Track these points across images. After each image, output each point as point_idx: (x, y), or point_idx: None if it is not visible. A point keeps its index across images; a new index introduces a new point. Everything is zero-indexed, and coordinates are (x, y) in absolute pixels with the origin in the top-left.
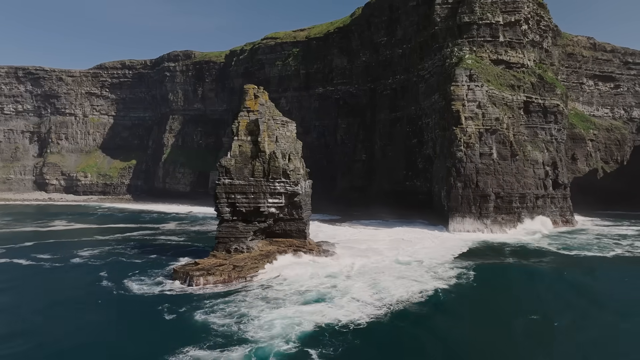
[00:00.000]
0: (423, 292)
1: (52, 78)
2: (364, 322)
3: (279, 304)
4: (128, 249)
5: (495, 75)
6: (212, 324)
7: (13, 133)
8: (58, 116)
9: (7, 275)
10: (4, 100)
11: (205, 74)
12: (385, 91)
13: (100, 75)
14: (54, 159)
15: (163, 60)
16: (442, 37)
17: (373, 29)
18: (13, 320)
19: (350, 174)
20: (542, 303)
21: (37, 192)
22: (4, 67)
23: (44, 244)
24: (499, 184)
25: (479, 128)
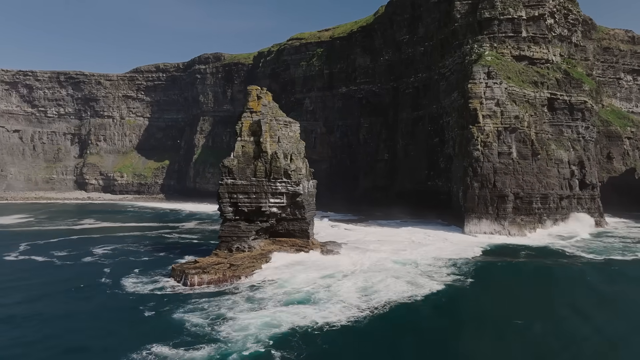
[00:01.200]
0: (413, 296)
1: (92, 82)
2: (339, 325)
3: (262, 304)
4: (141, 247)
5: (516, 72)
6: (187, 323)
7: (56, 135)
8: (97, 118)
9: (16, 271)
10: (48, 104)
11: (234, 76)
12: (408, 90)
13: (136, 79)
14: (93, 160)
15: (194, 63)
16: (462, 34)
17: (395, 27)
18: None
19: (373, 173)
20: (537, 312)
21: (77, 192)
22: (47, 72)
23: (67, 240)
24: (518, 184)
25: (497, 126)
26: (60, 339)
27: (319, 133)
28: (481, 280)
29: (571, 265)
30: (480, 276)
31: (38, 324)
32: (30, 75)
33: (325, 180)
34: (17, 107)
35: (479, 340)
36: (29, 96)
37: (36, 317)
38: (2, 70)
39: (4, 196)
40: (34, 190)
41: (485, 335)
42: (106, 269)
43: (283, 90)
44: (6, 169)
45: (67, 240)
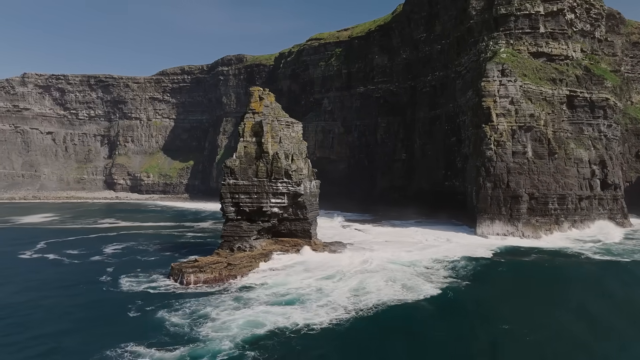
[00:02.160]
0: (403, 299)
1: (120, 85)
2: (319, 328)
3: (249, 304)
4: (151, 246)
5: (533, 69)
6: (168, 322)
7: (86, 137)
8: (125, 120)
9: (24, 268)
10: (79, 107)
11: (255, 77)
12: (425, 88)
13: (162, 81)
14: (121, 160)
15: (217, 65)
16: (478, 31)
17: (413, 25)
18: None
19: (390, 173)
20: (530, 321)
21: (106, 191)
22: (78, 75)
23: (83, 239)
24: (534, 184)
25: (511, 125)
26: (38, 335)
27: (337, 133)
28: (479, 284)
29: (583, 269)
30: (479, 280)
31: (19, 319)
32: (62, 79)
33: (344, 180)
34: (50, 109)
35: (458, 349)
36: (61, 99)
37: (20, 312)
38: (36, 75)
39: (38, 195)
40: (65, 190)
41: (464, 345)
42: (109, 268)
43: (303, 90)
44: (40, 169)
45: (83, 238)
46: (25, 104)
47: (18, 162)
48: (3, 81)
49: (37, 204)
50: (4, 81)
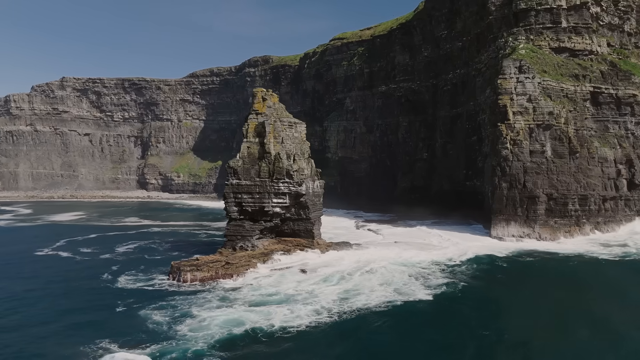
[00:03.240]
0: (392, 302)
1: (152, 87)
2: (294, 330)
3: (234, 303)
4: (162, 244)
5: (554, 65)
6: (149, 320)
7: (121, 138)
8: (157, 122)
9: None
10: (114, 109)
11: (281, 78)
12: (446, 87)
13: (192, 83)
14: (153, 161)
15: (245, 66)
16: (497, 27)
17: (434, 22)
18: None
19: (412, 173)
20: (521, 334)
21: (139, 191)
22: (113, 79)
23: (101, 237)
24: (552, 184)
25: (529, 124)
26: (18, 325)
27: (358, 133)
28: (474, 290)
29: (607, 276)
30: (476, 286)
31: (4, 311)
32: (98, 83)
33: (365, 179)
34: (87, 112)
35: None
36: (97, 102)
37: (7, 304)
38: (74, 79)
39: (75, 195)
40: (101, 190)
41: (430, 356)
42: (115, 266)
43: (326, 90)
44: (77, 169)
45: (101, 236)
46: (64, 107)
47: (57, 163)
48: (43, 85)
49: (74, 203)
50: (44, 85)
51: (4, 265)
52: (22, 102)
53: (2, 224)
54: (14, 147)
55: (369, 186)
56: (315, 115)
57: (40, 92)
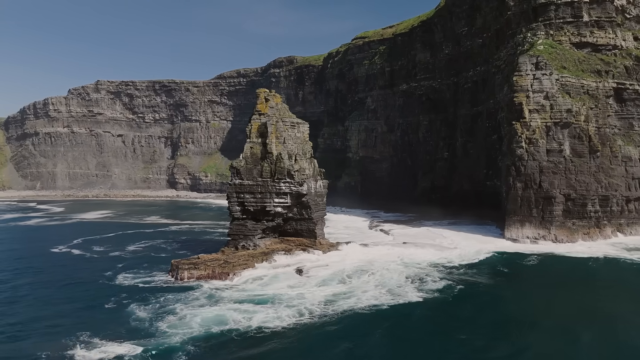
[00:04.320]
0: (379, 306)
1: (181, 89)
2: (269, 331)
3: (218, 302)
4: (173, 243)
5: (575, 61)
6: (133, 316)
7: (152, 138)
8: (186, 123)
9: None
10: (145, 110)
11: (305, 78)
12: (467, 84)
13: (219, 85)
14: (182, 161)
15: (270, 67)
16: (516, 23)
17: (454, 19)
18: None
19: (432, 172)
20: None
21: (168, 190)
22: (145, 81)
23: (117, 236)
24: (570, 184)
25: (545, 122)
26: (3, 318)
27: (379, 132)
28: (468, 293)
29: (610, 283)
30: (472, 288)
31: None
32: (130, 85)
33: (386, 179)
34: (120, 114)
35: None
36: (130, 104)
37: (5, 295)
38: (108, 82)
39: (108, 194)
40: (133, 189)
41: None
42: (120, 264)
43: (349, 90)
44: (111, 169)
45: (118, 235)
46: (99, 109)
47: (92, 163)
48: (79, 88)
49: (106, 201)
50: (80, 88)
51: (16, 260)
52: (59, 105)
53: (32, 222)
54: (52, 148)
55: (389, 186)
56: (338, 115)
57: (76, 95)
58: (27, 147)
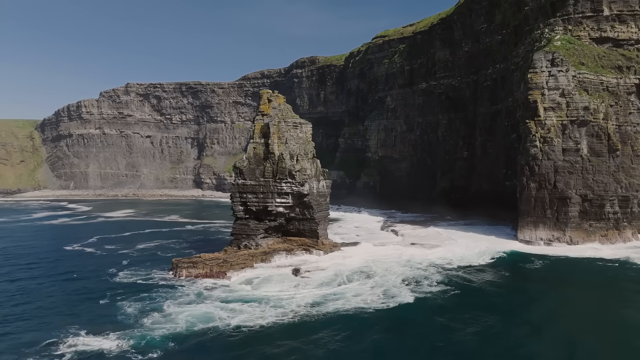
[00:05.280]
0: (365, 309)
1: (207, 91)
2: (247, 330)
3: (205, 300)
4: (183, 242)
5: (594, 57)
6: (122, 311)
7: (179, 139)
8: (212, 124)
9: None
10: (172, 112)
11: (326, 78)
12: (486, 82)
13: (244, 86)
14: (208, 161)
15: (292, 68)
16: (534, 18)
17: (474, 16)
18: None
19: (451, 172)
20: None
21: (194, 190)
22: (172, 83)
23: (132, 235)
24: (587, 184)
25: (561, 120)
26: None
27: (399, 131)
28: (462, 298)
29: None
30: (467, 293)
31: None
32: (158, 87)
33: (406, 179)
34: (149, 115)
35: None
36: (157, 106)
37: (6, 287)
38: (137, 84)
39: (137, 193)
40: (160, 188)
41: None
42: (125, 261)
43: (369, 89)
44: (140, 169)
45: (133, 234)
46: (129, 111)
47: (122, 163)
48: (110, 91)
49: (133, 201)
50: (110, 91)
51: (29, 255)
52: (91, 107)
53: (57, 222)
54: (84, 149)
55: (409, 186)
56: (359, 115)
57: (107, 98)
58: (62, 148)
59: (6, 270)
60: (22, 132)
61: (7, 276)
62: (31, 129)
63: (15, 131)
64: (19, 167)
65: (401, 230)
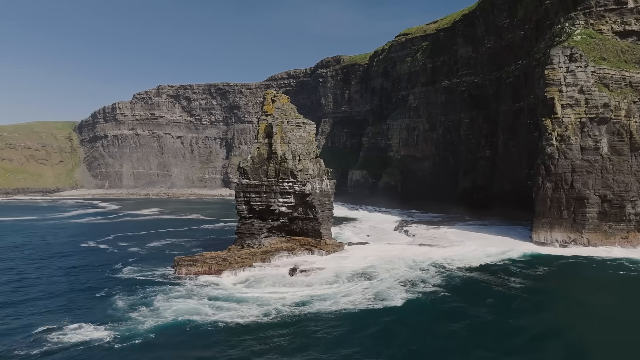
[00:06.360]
0: (347, 311)
1: (235, 92)
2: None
3: (194, 297)
4: (193, 241)
5: (617, 51)
6: (114, 305)
7: (208, 140)
8: (239, 124)
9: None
10: (202, 113)
11: (351, 77)
12: (509, 79)
13: (271, 86)
14: (235, 161)
15: (318, 68)
16: (554, 12)
17: (496, 11)
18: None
19: (473, 172)
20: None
21: (222, 189)
22: (201, 85)
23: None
24: (607, 184)
25: (580, 117)
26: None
27: (421, 130)
28: (454, 300)
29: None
30: (460, 296)
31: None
32: (188, 89)
33: (428, 179)
34: (179, 116)
35: None
36: (188, 107)
37: (12, 278)
38: (168, 86)
39: (167, 192)
40: (190, 188)
41: None
42: (132, 258)
43: (393, 87)
44: (171, 169)
45: (150, 233)
46: (160, 112)
47: (154, 163)
48: (143, 93)
49: (163, 199)
50: (143, 93)
51: (44, 250)
52: (125, 109)
53: (83, 220)
54: (119, 150)
55: (431, 186)
56: (382, 114)
57: (140, 100)
58: (98, 148)
59: (17, 263)
60: (61, 133)
61: (17, 268)
62: (70, 131)
63: (55, 132)
64: (58, 167)
65: (414, 230)
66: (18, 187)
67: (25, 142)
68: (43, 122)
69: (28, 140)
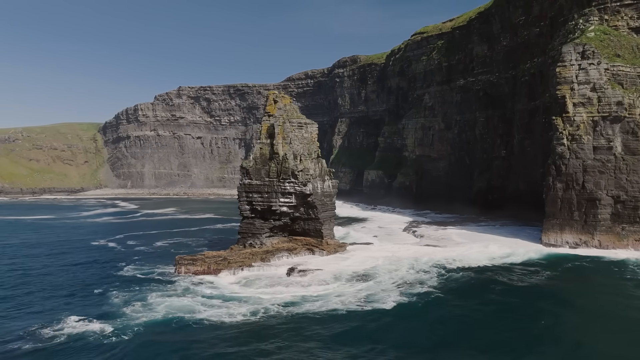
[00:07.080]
0: (334, 312)
1: (253, 92)
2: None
3: (187, 295)
4: (201, 240)
5: (633, 48)
6: (109, 301)
7: (227, 140)
8: (258, 124)
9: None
10: (221, 114)
11: (367, 77)
12: (524, 77)
13: (288, 87)
14: None
15: (334, 68)
16: (568, 9)
17: (512, 8)
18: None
19: (489, 172)
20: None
21: None
22: (221, 86)
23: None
24: (620, 184)
25: (592, 116)
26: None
27: (436, 130)
28: (448, 302)
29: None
30: (456, 298)
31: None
32: (208, 90)
33: (444, 179)
34: (199, 117)
35: None
36: (207, 108)
37: (16, 272)
38: (188, 87)
39: (187, 192)
40: (210, 188)
41: None
42: (137, 256)
43: (409, 87)
44: (191, 170)
45: (160, 232)
46: (181, 113)
47: (175, 164)
48: (164, 94)
49: (182, 199)
50: (164, 95)
51: (53, 248)
52: (147, 110)
53: (100, 220)
54: (141, 150)
55: (446, 186)
56: (399, 113)
57: (161, 101)
58: (121, 149)
59: (25, 260)
60: (86, 134)
61: (24, 264)
62: (94, 132)
63: (80, 134)
64: (83, 167)
65: (423, 231)
66: (44, 186)
67: (51, 143)
68: (69, 123)
69: (54, 141)
